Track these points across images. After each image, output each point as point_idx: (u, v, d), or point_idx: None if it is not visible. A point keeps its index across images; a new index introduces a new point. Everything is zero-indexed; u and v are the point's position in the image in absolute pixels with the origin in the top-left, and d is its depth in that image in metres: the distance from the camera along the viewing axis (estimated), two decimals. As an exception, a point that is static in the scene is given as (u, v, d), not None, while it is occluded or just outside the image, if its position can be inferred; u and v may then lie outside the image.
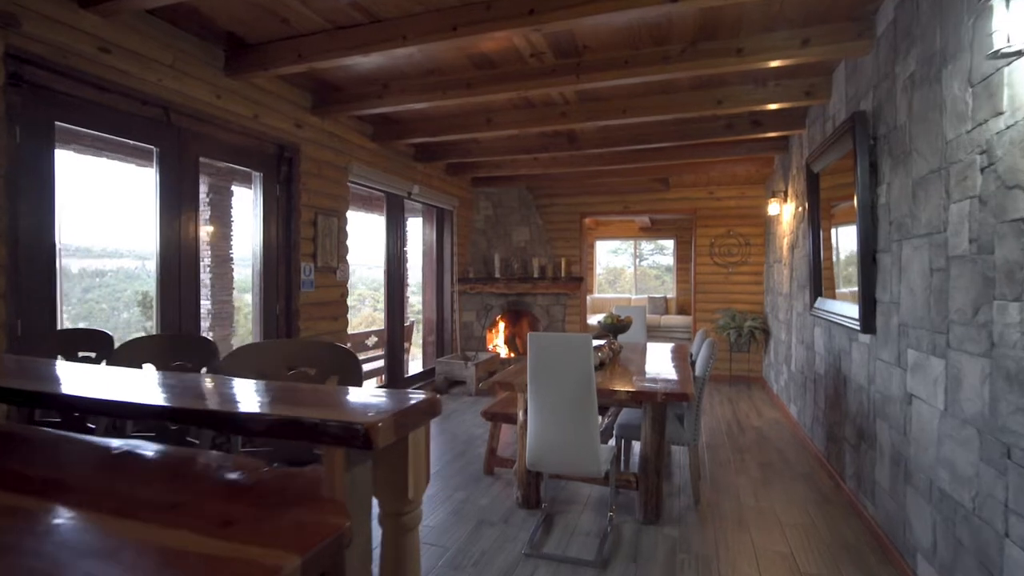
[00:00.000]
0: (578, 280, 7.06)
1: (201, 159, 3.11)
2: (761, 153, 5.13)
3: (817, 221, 3.69)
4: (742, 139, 4.74)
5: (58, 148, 2.36)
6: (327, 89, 3.80)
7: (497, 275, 6.82)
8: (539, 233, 7.29)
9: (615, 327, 4.09)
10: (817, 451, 3.69)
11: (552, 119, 4.09)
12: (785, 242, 5.14)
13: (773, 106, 3.66)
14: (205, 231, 5.04)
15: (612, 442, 3.35)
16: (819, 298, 3.63)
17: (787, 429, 4.47)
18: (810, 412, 3.98)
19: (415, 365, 6.88)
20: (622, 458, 3.47)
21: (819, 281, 3.67)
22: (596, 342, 4.11)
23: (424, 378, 5.93)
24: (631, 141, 4.69)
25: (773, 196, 5.34)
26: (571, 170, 5.89)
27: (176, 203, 2.95)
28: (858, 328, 2.74)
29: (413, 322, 6.52)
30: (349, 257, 4.39)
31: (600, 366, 3.24)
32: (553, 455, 2.41)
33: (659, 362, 3.55)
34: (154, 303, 2.86)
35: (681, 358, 3.66)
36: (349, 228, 4.41)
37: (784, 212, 5.21)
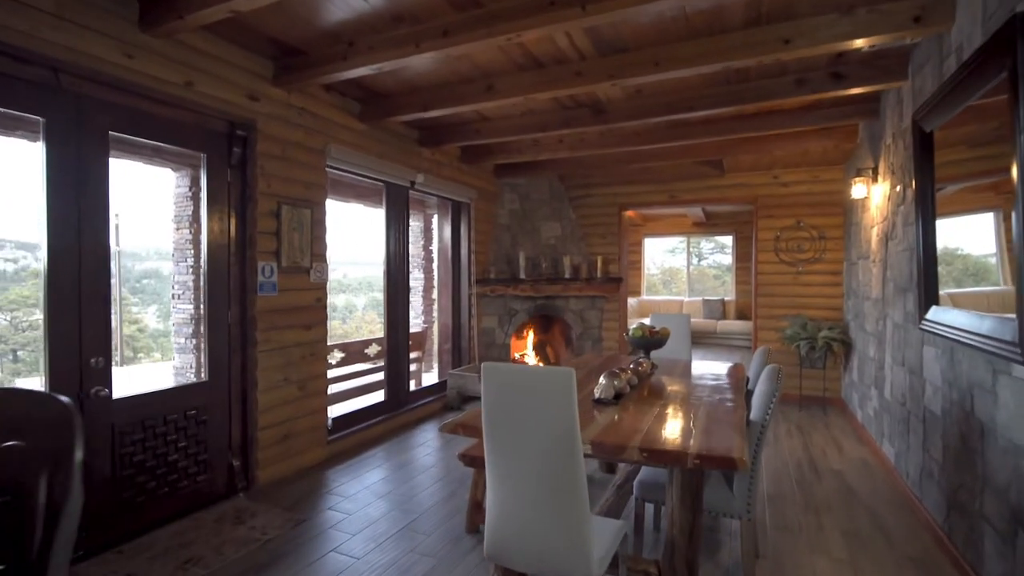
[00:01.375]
0: (616, 281, 6.15)
1: (113, 134, 2.53)
2: (841, 121, 4.04)
3: (931, 200, 2.65)
4: (817, 99, 3.71)
5: None
6: (287, 54, 3.17)
7: (522, 275, 6.03)
8: (572, 228, 6.43)
9: (645, 342, 3.21)
10: (929, 517, 2.65)
11: (565, 80, 3.26)
12: (874, 233, 4.03)
13: (860, 42, 2.65)
14: (184, 230, 4.57)
15: (631, 503, 2.49)
16: (933, 307, 2.60)
17: (880, 476, 3.40)
18: (916, 459, 2.93)
19: (431, 376, 6.21)
20: (645, 525, 2.59)
21: (933, 284, 2.63)
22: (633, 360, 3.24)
23: (435, 392, 5.23)
24: (670, 109, 3.77)
25: (858, 176, 4.23)
26: (603, 152, 5.00)
27: (74, 187, 2.37)
28: (1017, 356, 1.74)
29: (427, 327, 5.86)
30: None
31: (615, 399, 2.39)
32: (519, 545, 1.60)
33: (702, 392, 2.64)
34: (42, 316, 2.29)
35: (735, 387, 2.73)
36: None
37: (873, 195, 4.10)
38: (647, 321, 3.88)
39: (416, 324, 5.98)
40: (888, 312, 3.57)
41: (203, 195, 3.00)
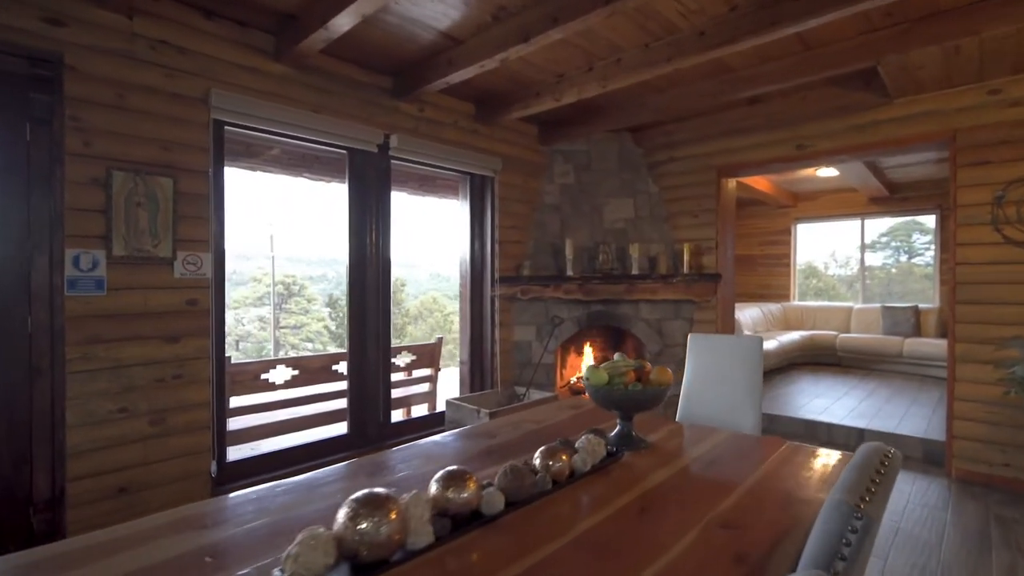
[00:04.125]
0: (712, 279, 4.27)
1: None
2: None
3: None
4: None
5: None
6: (96, -48, 2.25)
7: (569, 272, 4.47)
8: (652, 207, 4.70)
9: (616, 397, 1.59)
10: None
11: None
12: None
13: None
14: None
15: None
16: None
17: None
18: None
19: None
20: None
21: None
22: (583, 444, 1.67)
23: (431, 424, 4.01)
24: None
25: None
26: (656, 74, 3.27)
27: None
28: None
29: (440, 339, 4.66)
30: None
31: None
32: None
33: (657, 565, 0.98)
34: None
35: (758, 552, 1.00)
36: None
37: None
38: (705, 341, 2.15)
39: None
40: None
41: (-16, 159, 2.22)
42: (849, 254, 11.99)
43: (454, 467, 1.16)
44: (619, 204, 4.76)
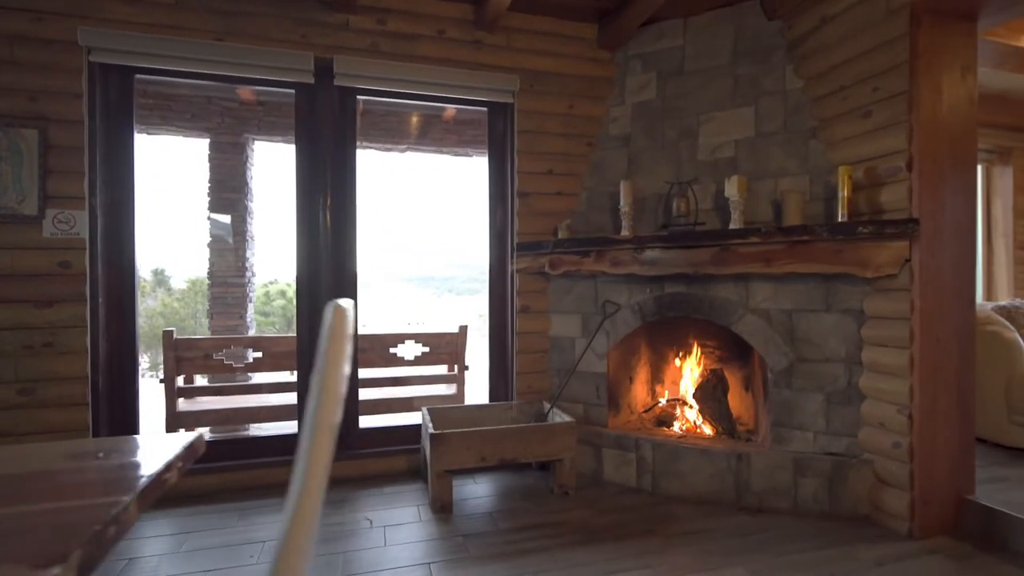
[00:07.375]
0: (896, 229, 2.18)
1: None
2: None
3: None
4: None
5: None
6: None
7: (625, 231, 2.88)
8: (789, 115, 2.76)
9: None
10: None
11: None
12: None
13: None
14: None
15: None
16: None
17: None
18: None
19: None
20: None
21: None
22: None
23: (403, 439, 3.06)
24: None
25: None
26: None
27: None
28: None
29: (463, 328, 3.58)
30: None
31: None
32: None
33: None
34: None
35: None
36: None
37: None
38: None
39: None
40: None
41: None
42: None
43: None
44: (729, 119, 2.88)
